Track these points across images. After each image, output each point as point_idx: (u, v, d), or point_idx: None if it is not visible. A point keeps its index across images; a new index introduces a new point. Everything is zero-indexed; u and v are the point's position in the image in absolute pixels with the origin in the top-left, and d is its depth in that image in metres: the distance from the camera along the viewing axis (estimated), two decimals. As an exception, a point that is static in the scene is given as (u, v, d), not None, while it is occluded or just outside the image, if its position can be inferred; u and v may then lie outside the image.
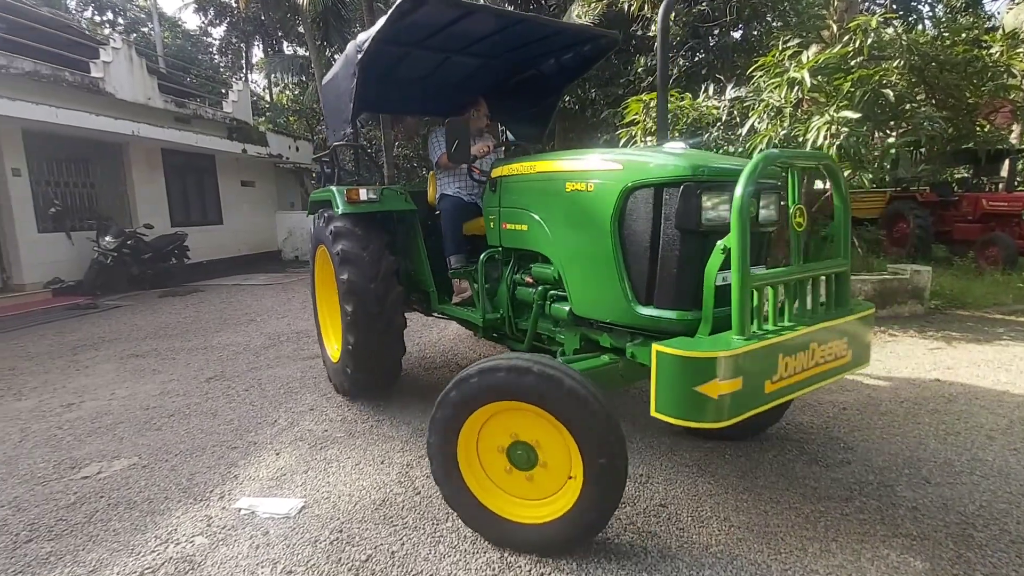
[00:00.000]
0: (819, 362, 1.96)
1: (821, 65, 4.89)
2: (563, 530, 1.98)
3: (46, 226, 8.94)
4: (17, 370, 4.79)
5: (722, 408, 1.70)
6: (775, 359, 1.81)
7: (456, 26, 3.47)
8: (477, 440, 2.13)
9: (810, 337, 1.92)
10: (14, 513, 2.47)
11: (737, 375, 1.70)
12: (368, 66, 3.44)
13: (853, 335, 2.08)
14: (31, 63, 8.58)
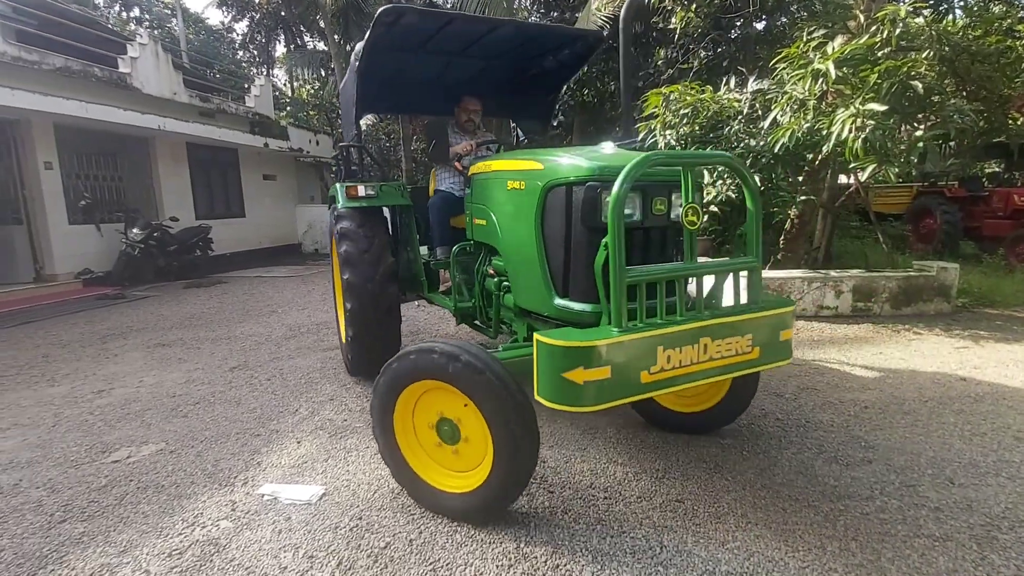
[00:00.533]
0: (714, 356, 2.02)
1: (847, 56, 4.78)
2: (480, 500, 2.14)
3: (76, 218, 9.21)
4: (50, 357, 4.96)
5: (590, 395, 1.82)
6: (653, 351, 1.90)
7: (445, 32, 3.70)
8: (413, 416, 2.31)
9: (700, 332, 1.98)
10: (49, 494, 2.57)
11: (604, 364, 1.81)
12: (368, 72, 3.75)
13: (760, 331, 2.11)
14: (62, 59, 8.81)
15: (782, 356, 2.22)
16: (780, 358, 2.22)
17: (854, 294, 5.75)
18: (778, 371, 4.03)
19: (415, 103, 4.94)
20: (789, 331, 2.23)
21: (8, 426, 3.41)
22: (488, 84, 4.49)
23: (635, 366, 1.87)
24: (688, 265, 2.09)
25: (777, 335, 2.18)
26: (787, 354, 2.25)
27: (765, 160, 5.83)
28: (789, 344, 2.24)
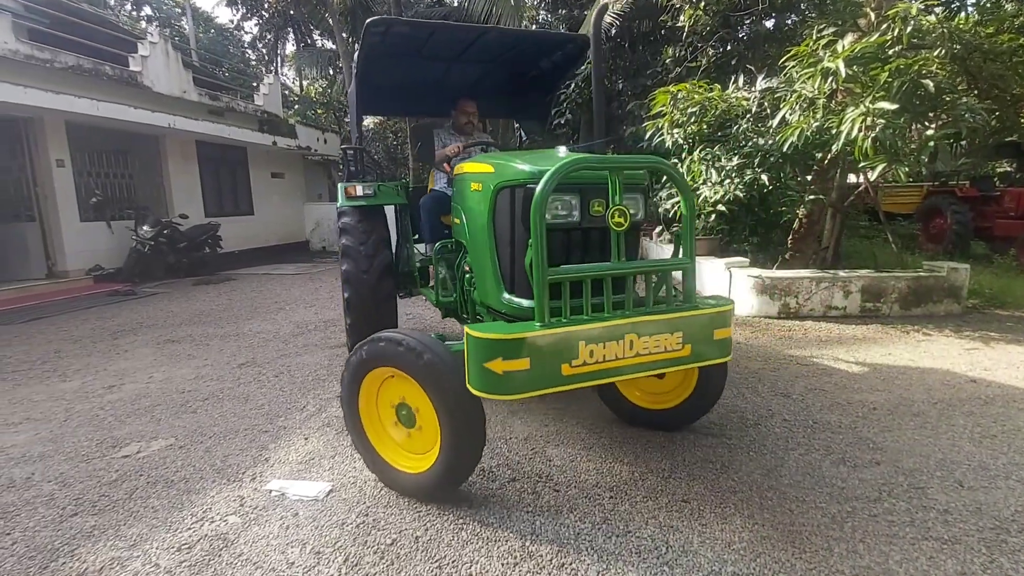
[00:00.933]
0: (641, 353, 2.10)
1: (857, 54, 4.74)
2: (429, 481, 2.29)
3: (88, 215, 9.30)
4: (62, 352, 5.02)
5: (510, 384, 1.94)
6: (575, 345, 1.99)
7: (435, 40, 3.89)
8: (377, 398, 2.46)
9: (626, 328, 2.06)
10: (60, 488, 2.61)
11: (523, 356, 1.93)
12: (367, 77, 4.01)
13: (691, 330, 2.18)
14: (74, 57, 8.90)
15: (717, 354, 2.29)
16: (715, 356, 2.28)
17: (863, 294, 5.71)
18: (785, 371, 4.02)
19: (418, 105, 5.09)
20: (726, 330, 2.29)
21: (21, 420, 3.45)
22: (487, 86, 4.64)
23: (555, 359, 1.97)
24: (615, 265, 2.17)
25: (711, 334, 2.24)
26: (723, 353, 2.31)
27: (773, 159, 5.80)
28: (726, 343, 2.30)
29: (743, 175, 5.90)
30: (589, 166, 2.19)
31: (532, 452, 2.84)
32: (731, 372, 4.03)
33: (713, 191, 6.07)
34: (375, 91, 4.46)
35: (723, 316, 2.27)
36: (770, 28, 9.24)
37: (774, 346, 4.74)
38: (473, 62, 4.30)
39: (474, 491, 2.47)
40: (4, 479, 2.70)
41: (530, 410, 3.38)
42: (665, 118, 6.50)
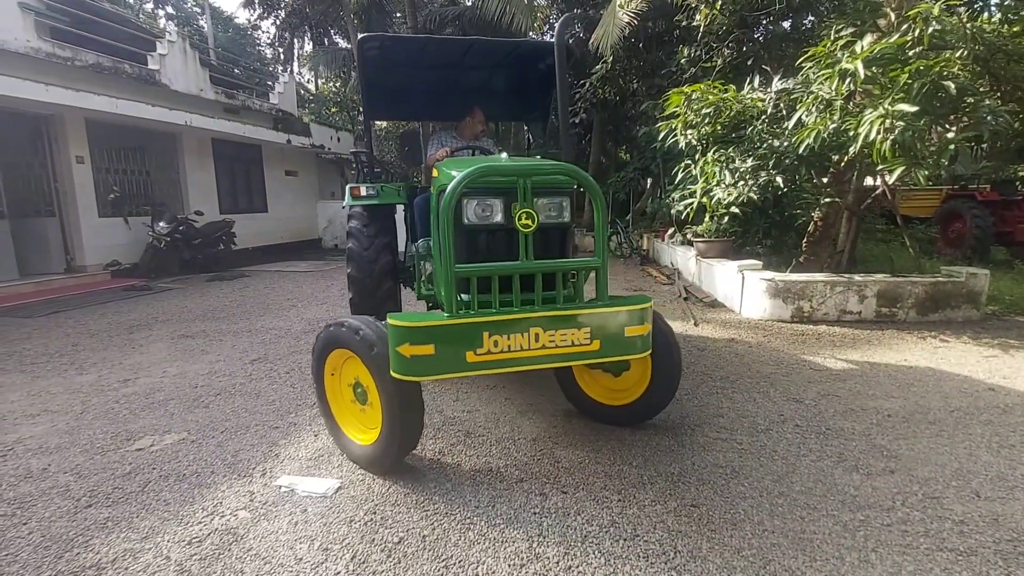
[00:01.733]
0: (547, 345, 2.25)
1: (876, 55, 4.66)
2: (373, 452, 2.55)
3: (106, 211, 9.45)
4: (80, 346, 5.11)
5: (416, 367, 2.15)
6: (478, 335, 2.17)
7: (428, 51, 4.16)
8: (340, 376, 2.73)
9: (531, 322, 2.22)
10: (76, 480, 2.65)
11: (428, 343, 2.13)
12: (373, 87, 4.32)
13: (599, 326, 2.30)
14: (94, 56, 9.05)
15: (629, 351, 2.39)
16: (626, 353, 2.39)
17: (879, 299, 5.62)
18: (798, 376, 3.97)
19: (425, 110, 5.35)
20: (640, 327, 2.38)
21: (39, 412, 3.52)
22: (489, 90, 4.78)
23: (460, 347, 2.17)
24: (522, 264, 2.33)
25: (621, 331, 2.35)
26: (635, 350, 2.40)
27: (789, 161, 5.73)
28: (639, 339, 2.39)
29: (757, 177, 5.84)
30: (499, 172, 2.38)
31: (540, 453, 2.83)
32: (743, 376, 3.99)
33: (727, 193, 6.01)
34: (383, 98, 4.70)
35: (635, 314, 2.36)
36: (787, 28, 9.12)
37: (787, 350, 4.68)
38: (473, 68, 4.44)
39: (481, 491, 2.47)
40: (22, 469, 2.75)
41: (539, 411, 3.38)
42: (679, 119, 6.45)
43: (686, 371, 4.13)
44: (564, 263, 2.47)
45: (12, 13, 7.91)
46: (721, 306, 6.62)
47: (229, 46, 22.93)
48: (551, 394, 3.65)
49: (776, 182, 5.81)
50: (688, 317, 5.98)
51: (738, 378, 3.97)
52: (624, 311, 2.35)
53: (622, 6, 9.17)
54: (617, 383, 3.10)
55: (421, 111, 5.42)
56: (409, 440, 2.50)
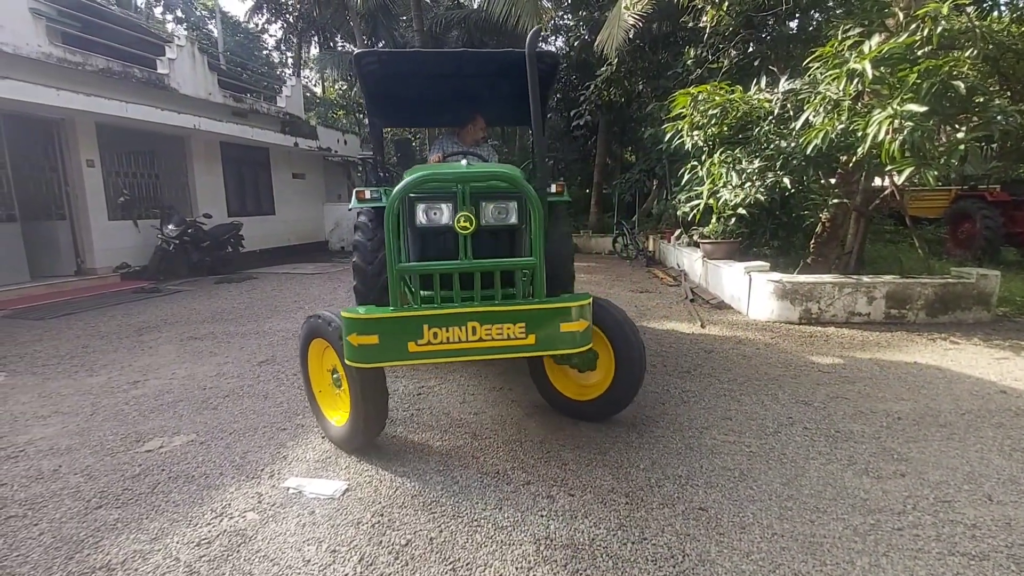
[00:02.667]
0: (484, 338, 2.41)
1: (885, 55, 4.64)
2: (344, 432, 2.81)
3: (115, 214, 9.54)
4: (90, 348, 5.16)
5: (363, 355, 2.37)
6: (419, 328, 2.37)
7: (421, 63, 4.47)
8: (321, 363, 2.97)
9: (468, 316, 2.39)
10: (86, 481, 2.68)
11: (373, 333, 2.34)
12: (377, 97, 4.65)
13: (535, 321, 2.44)
14: (104, 60, 9.14)
15: (565, 345, 2.51)
16: (563, 347, 2.51)
17: (887, 300, 5.58)
18: (806, 378, 3.94)
19: (429, 117, 5.58)
20: (577, 323, 2.50)
21: (50, 413, 3.55)
22: (488, 97, 4.92)
23: (401, 338, 2.36)
24: (460, 263, 2.51)
25: (557, 326, 2.47)
26: (572, 344, 2.51)
27: (796, 162, 5.70)
28: (577, 335, 2.51)
29: (764, 178, 5.81)
30: (438, 179, 2.58)
31: (547, 455, 2.83)
32: (751, 378, 3.97)
33: (733, 194, 5.99)
34: (386, 107, 4.96)
35: (570, 311, 2.48)
36: (793, 29, 9.08)
37: (795, 352, 4.65)
38: (468, 77, 4.58)
39: (489, 494, 2.47)
40: (33, 470, 2.78)
41: (546, 413, 3.37)
42: (685, 120, 6.44)
43: (692, 373, 4.11)
44: (498, 262, 2.58)
45: (24, 19, 8.01)
46: (728, 308, 6.59)
47: (238, 50, 23.10)
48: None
49: (783, 183, 5.78)
50: (695, 319, 5.96)
51: (746, 380, 3.95)
52: (559, 307, 2.48)
53: (627, 8, 9.16)
54: (584, 379, 3.19)
55: (423, 119, 5.69)
56: (374, 421, 2.74)
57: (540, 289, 2.55)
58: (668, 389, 3.79)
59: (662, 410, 3.41)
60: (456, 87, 4.75)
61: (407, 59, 4.54)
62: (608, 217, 15.26)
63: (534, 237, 2.52)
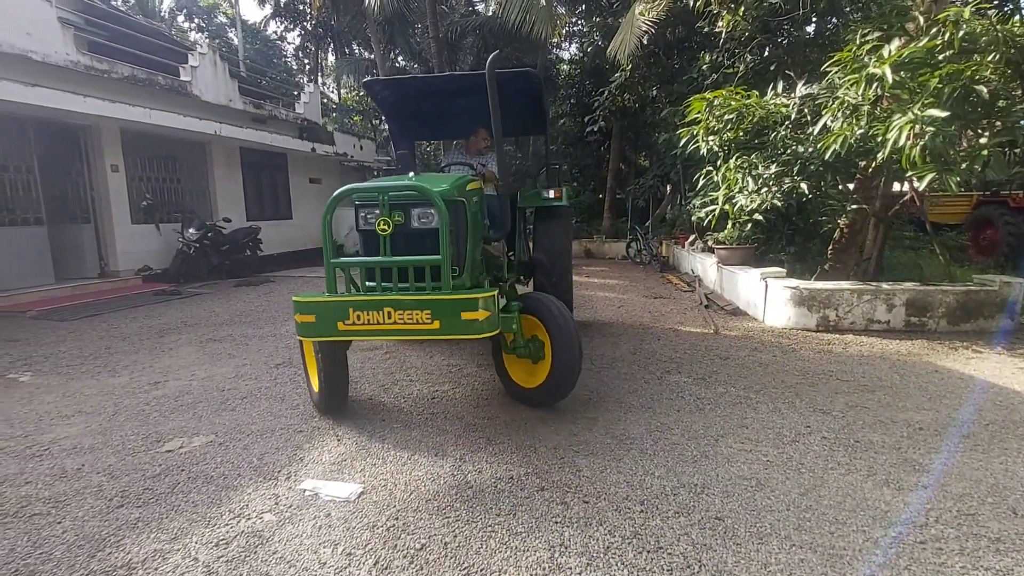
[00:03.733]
0: (398, 322, 2.80)
1: (905, 60, 4.58)
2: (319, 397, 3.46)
3: (138, 218, 9.75)
4: (112, 349, 5.27)
5: (304, 330, 2.93)
6: (346, 311, 2.81)
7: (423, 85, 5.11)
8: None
9: (384, 303, 2.80)
10: (108, 480, 2.73)
11: (310, 314, 2.88)
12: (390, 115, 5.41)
13: (438, 310, 2.80)
14: (129, 68, 9.38)
15: (468, 331, 2.84)
16: (465, 332, 2.84)
17: (908, 308, 5.48)
18: (824, 387, 3.89)
19: (440, 131, 6.26)
20: (476, 313, 2.80)
21: (73, 413, 3.63)
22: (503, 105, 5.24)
23: (332, 318, 2.84)
24: (381, 259, 2.94)
25: (457, 314, 2.79)
26: (474, 330, 2.83)
27: (814, 167, 5.64)
28: (478, 323, 2.81)
29: (781, 183, 5.76)
30: (366, 189, 3.10)
31: (561, 461, 2.82)
32: (768, 386, 3.93)
33: (749, 199, 5.94)
34: (402, 123, 5.57)
35: (470, 301, 2.81)
36: (811, 33, 9.00)
37: (812, 360, 4.59)
38: (472, 95, 4.84)
39: (502, 499, 2.47)
40: (57, 469, 2.84)
41: (559, 419, 3.37)
42: (700, 125, 6.41)
43: (707, 381, 4.08)
44: (410, 260, 2.95)
45: (53, 28, 8.25)
46: (743, 314, 6.52)
47: (257, 58, 23.51)
48: (572, 401, 3.64)
49: (801, 188, 5.72)
50: (709, 325, 5.91)
51: (762, 388, 3.91)
52: (459, 298, 2.83)
53: (642, 14, 9.16)
54: (532, 370, 3.52)
55: (434, 133, 6.39)
56: (332, 390, 3.35)
57: (446, 282, 2.90)
58: (683, 396, 3.76)
59: (677, 417, 3.39)
60: (460, 104, 5.15)
61: (410, 83, 5.17)
62: (621, 222, 15.22)
63: (442, 237, 2.89)
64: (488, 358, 4.71)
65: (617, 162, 15.32)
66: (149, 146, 10.10)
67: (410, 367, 4.53)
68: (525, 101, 5.22)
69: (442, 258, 2.88)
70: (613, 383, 4.05)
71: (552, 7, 12.15)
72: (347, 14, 17.36)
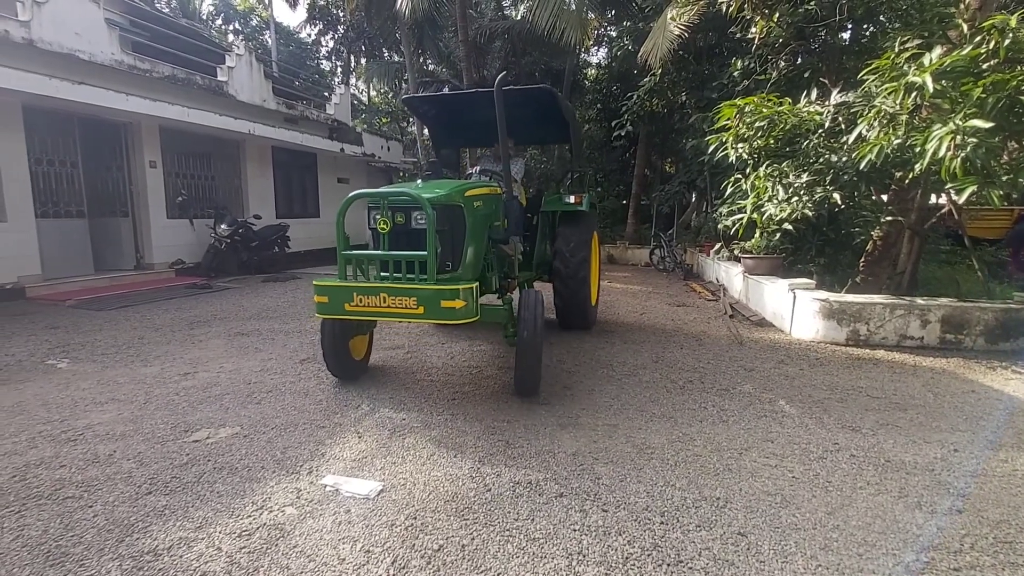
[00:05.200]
0: (392, 306, 3.30)
1: (947, 68, 4.43)
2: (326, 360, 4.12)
3: (173, 213, 10.04)
4: (145, 339, 5.43)
5: (320, 308, 3.48)
6: (351, 294, 3.37)
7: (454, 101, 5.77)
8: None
9: (379, 290, 3.32)
10: (138, 467, 2.81)
11: (324, 295, 3.45)
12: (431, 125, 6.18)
13: (422, 297, 3.26)
14: (169, 68, 9.68)
15: (447, 317, 3.28)
16: (444, 318, 3.29)
17: (943, 324, 5.30)
18: (853, 403, 3.78)
19: (474, 139, 6.91)
20: (453, 302, 3.23)
21: (107, 400, 3.76)
22: (525, 120, 5.75)
23: (341, 300, 3.40)
24: (382, 254, 3.48)
25: (438, 302, 3.24)
26: (452, 316, 3.27)
27: (847, 177, 5.50)
28: (455, 310, 3.25)
29: (813, 193, 5.63)
30: (370, 195, 3.58)
31: (580, 468, 2.80)
32: (794, 400, 3.84)
33: (779, 208, 5.82)
34: (440, 132, 6.29)
35: (449, 292, 3.24)
36: (846, 40, 8.78)
37: (841, 375, 4.47)
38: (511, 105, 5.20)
39: (521, 504, 2.47)
40: (90, 454, 2.94)
41: (579, 425, 3.35)
42: (730, 132, 6.31)
43: (731, 392, 4.01)
44: (400, 255, 3.42)
45: (100, 29, 8.57)
46: (769, 325, 6.39)
47: (291, 60, 24.04)
48: (592, 408, 3.61)
49: (833, 198, 5.58)
50: (733, 335, 5.80)
51: (788, 402, 3.82)
52: (439, 289, 3.26)
53: (674, 19, 9.07)
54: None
55: (468, 141, 7.13)
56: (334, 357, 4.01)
57: (431, 274, 3.33)
58: (705, 406, 3.70)
59: (699, 428, 3.33)
60: (487, 116, 5.33)
61: (442, 99, 5.84)
62: (645, 228, 15.07)
63: (428, 237, 3.33)
64: (508, 359, 4.73)
65: (643, 168, 15.19)
66: (185, 143, 10.40)
67: (431, 367, 4.56)
68: (547, 112, 5.60)
69: (428, 254, 3.33)
70: (634, 391, 4.01)
71: (583, 12, 12.12)
72: (379, 17, 17.62)
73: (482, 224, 4.04)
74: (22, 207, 7.74)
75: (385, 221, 3.45)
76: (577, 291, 5.40)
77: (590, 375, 4.37)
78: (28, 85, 7.00)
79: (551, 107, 5.48)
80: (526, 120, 5.71)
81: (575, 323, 5.77)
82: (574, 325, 5.79)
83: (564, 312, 5.65)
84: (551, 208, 5.63)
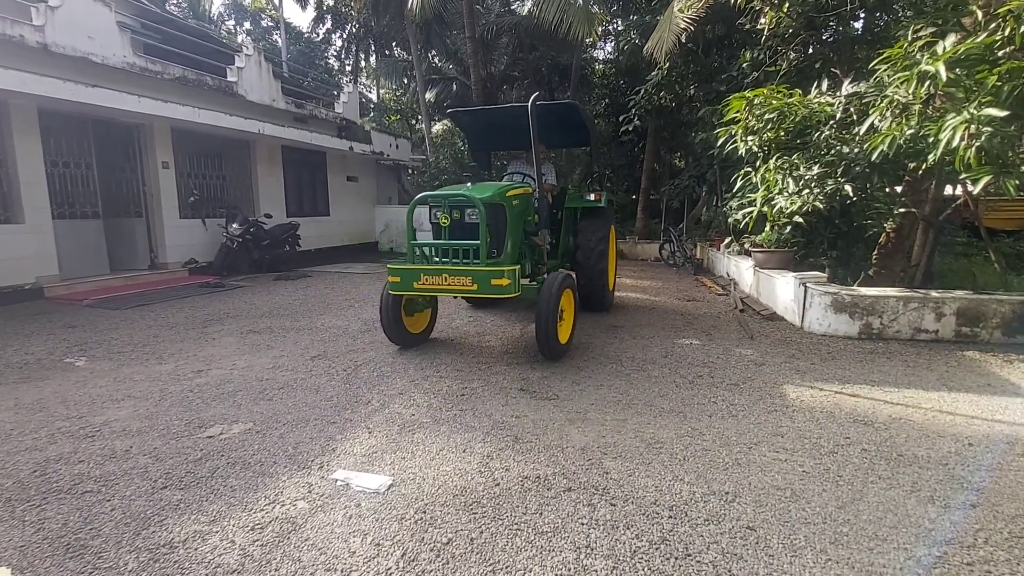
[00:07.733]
0: (452, 284, 4.12)
1: (961, 56, 4.36)
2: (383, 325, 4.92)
3: (186, 213, 10.15)
4: (159, 337, 5.52)
5: (394, 287, 4.33)
6: (419, 275, 4.18)
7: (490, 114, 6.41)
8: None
9: (441, 270, 4.13)
10: (153, 462, 2.86)
11: (397, 276, 4.27)
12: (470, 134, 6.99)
13: (477, 277, 4.06)
14: (180, 69, 9.78)
15: (495, 292, 4.07)
16: (493, 293, 4.09)
17: (958, 317, 5.22)
18: (866, 397, 3.75)
19: (509, 144, 7.64)
20: (501, 280, 4.03)
21: (123, 397, 3.83)
22: (552, 126, 6.31)
23: (411, 279, 4.22)
24: (442, 242, 4.43)
25: (489, 281, 4.04)
26: (499, 292, 4.06)
27: (859, 168, 5.44)
28: (502, 287, 4.04)
29: (824, 185, 5.57)
30: (435, 196, 4.49)
31: (589, 463, 2.81)
32: (805, 394, 3.81)
33: (790, 201, 5.77)
34: (480, 139, 7.04)
35: (496, 272, 4.05)
36: (858, 30, 8.65)
37: (853, 369, 4.42)
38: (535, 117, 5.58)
39: (529, 498, 2.48)
40: (107, 449, 3.00)
41: (587, 420, 3.35)
42: (739, 124, 6.26)
43: (740, 386, 3.99)
44: (459, 243, 4.33)
45: (112, 32, 8.68)
46: (780, 319, 6.34)
47: (300, 59, 24.16)
48: (601, 403, 3.61)
49: (845, 190, 5.52)
50: (744, 330, 5.77)
51: (799, 396, 3.79)
52: (488, 270, 4.08)
53: (680, 11, 8.99)
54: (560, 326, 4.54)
55: (504, 145, 7.88)
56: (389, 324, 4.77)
57: (483, 258, 4.21)
58: (715, 401, 3.69)
59: (708, 423, 3.32)
60: (521, 125, 5.78)
61: (483, 113, 6.45)
62: (655, 223, 14.99)
63: (480, 229, 4.22)
64: (516, 356, 4.75)
65: (651, 162, 15.09)
66: (197, 144, 10.51)
67: (440, 364, 4.58)
68: (571, 122, 6.40)
69: (480, 242, 4.22)
70: (643, 385, 4.01)
71: (589, 5, 12.06)
72: (387, 15, 17.65)
73: (519, 219, 4.88)
74: (39, 208, 7.87)
75: (446, 216, 4.39)
76: (596, 278, 6.13)
77: (599, 370, 4.37)
78: (43, 88, 7.11)
79: (574, 118, 6.25)
80: (552, 128, 6.38)
81: (595, 305, 6.50)
82: (594, 307, 6.54)
83: (585, 295, 6.24)
84: (573, 205, 6.37)
